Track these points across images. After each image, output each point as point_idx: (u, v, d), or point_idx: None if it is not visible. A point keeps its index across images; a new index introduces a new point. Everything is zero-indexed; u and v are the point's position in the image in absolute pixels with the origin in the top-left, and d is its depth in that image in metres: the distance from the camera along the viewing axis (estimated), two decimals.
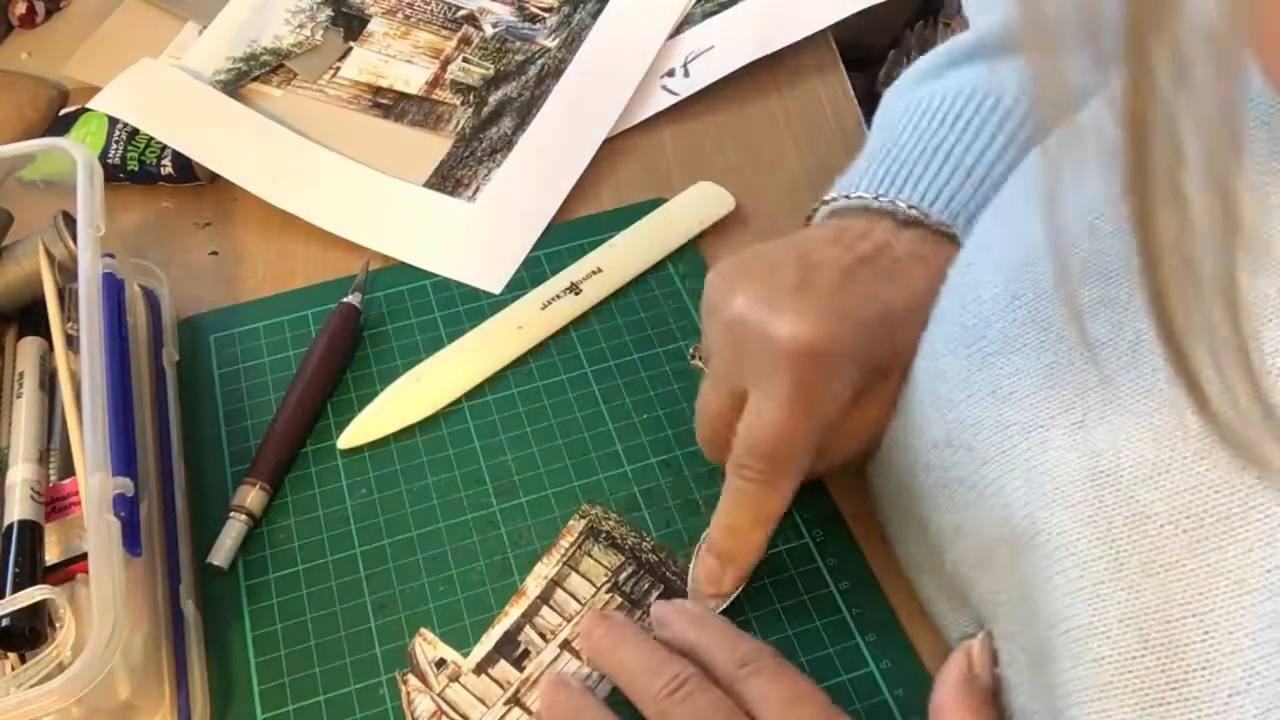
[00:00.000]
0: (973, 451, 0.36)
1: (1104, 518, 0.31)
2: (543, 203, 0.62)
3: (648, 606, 0.46)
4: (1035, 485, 0.34)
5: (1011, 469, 0.35)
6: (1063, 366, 0.33)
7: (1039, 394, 0.34)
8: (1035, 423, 0.34)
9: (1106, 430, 0.32)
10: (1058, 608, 0.33)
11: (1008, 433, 0.35)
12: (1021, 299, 0.35)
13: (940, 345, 0.39)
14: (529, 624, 0.46)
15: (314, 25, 0.71)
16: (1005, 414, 0.35)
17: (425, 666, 0.45)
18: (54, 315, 0.50)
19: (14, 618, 0.40)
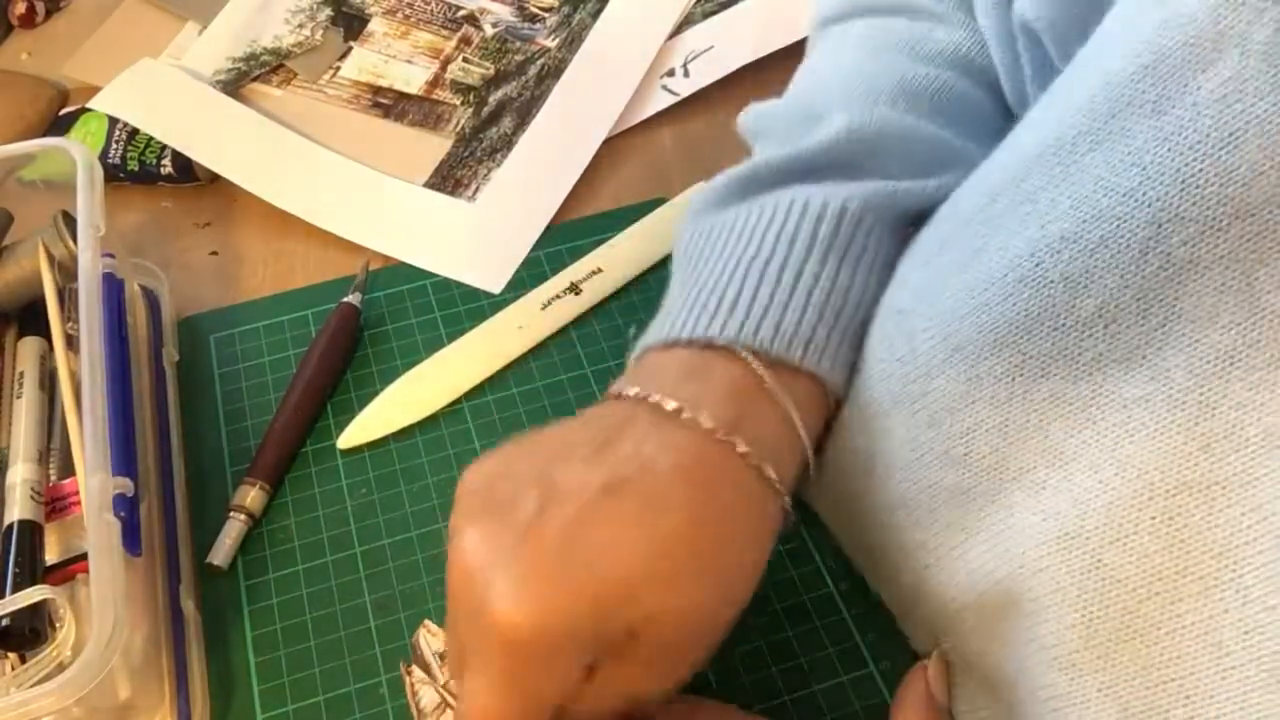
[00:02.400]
0: (933, 515, 0.35)
1: (1074, 584, 0.30)
2: (543, 203, 0.62)
3: None
4: (1002, 553, 0.32)
5: (975, 535, 0.33)
6: (1017, 425, 0.32)
7: (995, 455, 0.32)
8: (996, 488, 0.32)
9: (1069, 491, 0.31)
10: (1033, 676, 0.32)
11: (968, 498, 0.33)
12: (965, 351, 0.33)
13: (880, 401, 0.36)
14: None
15: (314, 25, 0.71)
16: (962, 479, 0.33)
17: (429, 658, 0.45)
18: (54, 315, 0.50)
19: (14, 618, 0.40)
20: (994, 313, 0.32)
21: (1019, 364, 0.31)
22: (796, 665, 0.45)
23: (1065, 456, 0.31)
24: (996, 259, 0.32)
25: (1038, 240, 0.31)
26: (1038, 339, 0.31)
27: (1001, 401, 0.32)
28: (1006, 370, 0.32)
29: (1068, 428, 0.31)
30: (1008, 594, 0.32)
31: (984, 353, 0.32)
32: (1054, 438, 0.31)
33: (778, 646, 0.45)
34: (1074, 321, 0.30)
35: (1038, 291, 0.30)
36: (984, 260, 0.33)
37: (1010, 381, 0.31)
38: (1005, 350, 0.31)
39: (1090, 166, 0.30)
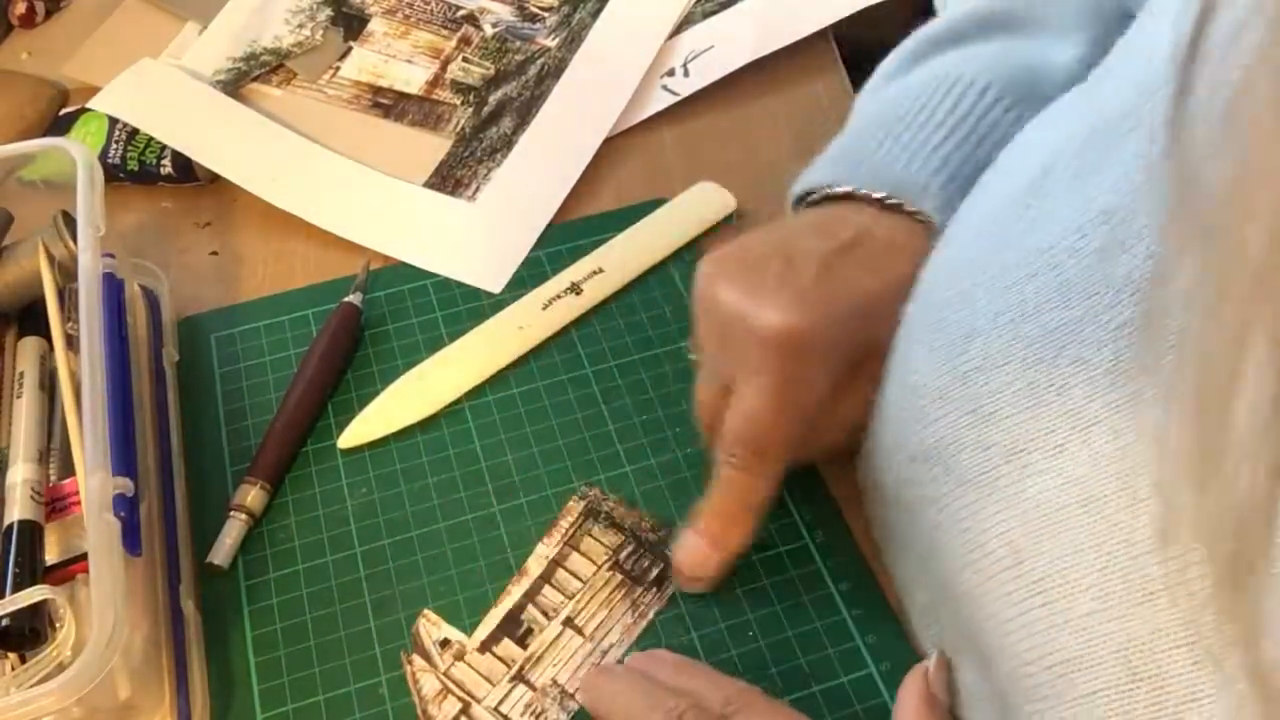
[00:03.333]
0: (950, 471, 0.36)
1: (1092, 545, 0.31)
2: (543, 203, 0.62)
3: (648, 583, 0.46)
4: (1017, 512, 0.33)
5: (991, 493, 0.34)
6: (1043, 386, 0.33)
7: (1021, 415, 0.33)
8: (1017, 446, 0.33)
9: (1089, 455, 0.31)
10: (1037, 641, 0.32)
11: (988, 454, 0.34)
12: (1007, 315, 0.35)
13: (918, 358, 0.39)
14: (531, 603, 0.46)
15: (314, 25, 0.71)
16: (986, 434, 0.34)
17: (430, 646, 0.45)
18: (54, 315, 0.50)
19: (14, 618, 0.40)
20: (1039, 281, 0.33)
21: (1052, 329, 0.32)
22: (796, 666, 0.45)
23: (1086, 420, 0.31)
24: (1045, 231, 0.34)
25: (1083, 213, 0.32)
26: (1072, 305, 0.32)
27: (1032, 363, 0.33)
28: (1040, 334, 0.33)
29: (1090, 392, 0.31)
30: (1017, 554, 0.33)
31: (1024, 318, 0.34)
32: (1076, 401, 0.32)
33: (778, 647, 0.45)
34: (1105, 288, 0.31)
35: (1079, 261, 0.32)
36: (1035, 232, 0.34)
37: (1041, 345, 0.33)
38: (1043, 315, 0.33)
39: (1132, 143, 0.32)
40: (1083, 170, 0.34)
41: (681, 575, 0.46)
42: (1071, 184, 0.34)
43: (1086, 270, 0.32)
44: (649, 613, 0.46)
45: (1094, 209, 0.32)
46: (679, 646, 0.45)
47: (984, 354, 0.35)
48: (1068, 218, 0.33)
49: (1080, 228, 0.32)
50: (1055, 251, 0.33)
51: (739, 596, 0.46)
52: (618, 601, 0.46)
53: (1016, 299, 0.34)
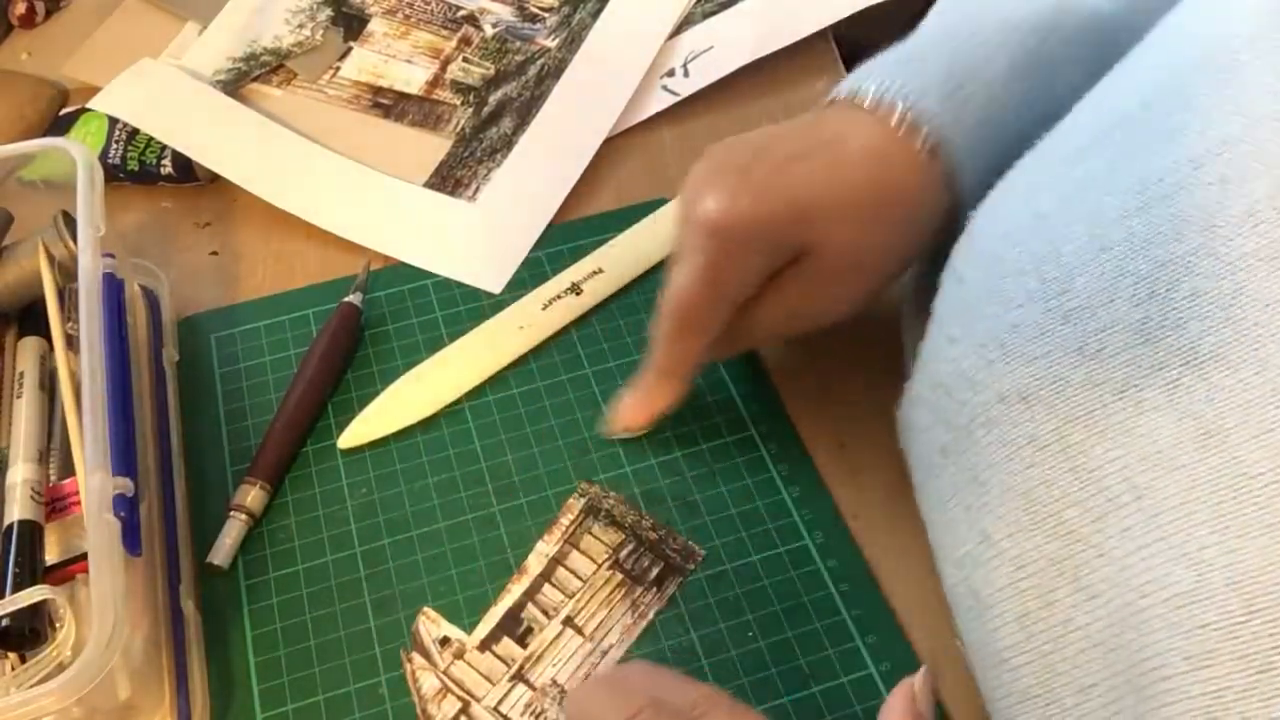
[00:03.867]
0: (1053, 410, 0.35)
1: (1209, 480, 0.30)
2: (543, 203, 0.62)
3: (648, 583, 0.46)
4: (1132, 448, 0.33)
5: (1101, 430, 0.34)
6: (1155, 323, 0.32)
7: (1130, 351, 0.33)
8: (1128, 382, 0.33)
9: (1205, 389, 0.31)
10: (1155, 575, 0.32)
11: (1097, 392, 0.34)
12: (1113, 251, 0.34)
13: (1012, 296, 0.38)
14: (531, 601, 0.46)
15: (314, 25, 0.71)
16: (1094, 372, 0.34)
17: (429, 645, 0.45)
18: (54, 315, 0.50)
19: (14, 618, 0.40)
20: (1148, 215, 0.33)
21: (1164, 262, 0.32)
22: (796, 667, 0.45)
23: (1201, 355, 0.31)
24: (1154, 163, 0.33)
25: (1197, 145, 0.32)
26: (1187, 239, 0.31)
27: (1142, 299, 0.32)
28: (1151, 269, 0.32)
29: (1206, 326, 0.31)
30: (1134, 490, 0.32)
31: (1132, 253, 0.33)
32: (1190, 336, 0.31)
33: (778, 648, 0.45)
34: (1224, 221, 0.31)
35: (1193, 194, 0.31)
36: (1138, 164, 0.34)
37: (1152, 280, 0.32)
38: (1153, 249, 0.32)
39: (1255, 73, 0.32)
40: (1192, 102, 0.33)
41: (615, 425, 0.51)
42: (1180, 116, 0.33)
43: (1202, 202, 0.31)
44: (649, 613, 0.46)
45: (1211, 139, 0.32)
46: (679, 646, 0.45)
47: (1088, 291, 0.34)
48: (1178, 150, 0.32)
49: (1194, 159, 0.32)
50: (1165, 184, 0.32)
51: (739, 596, 0.47)
52: (618, 601, 0.46)
53: (1123, 234, 0.33)
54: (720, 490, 0.50)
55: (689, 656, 0.45)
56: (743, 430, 0.52)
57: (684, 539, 0.48)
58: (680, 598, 0.47)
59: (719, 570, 0.47)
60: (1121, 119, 0.36)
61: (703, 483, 0.50)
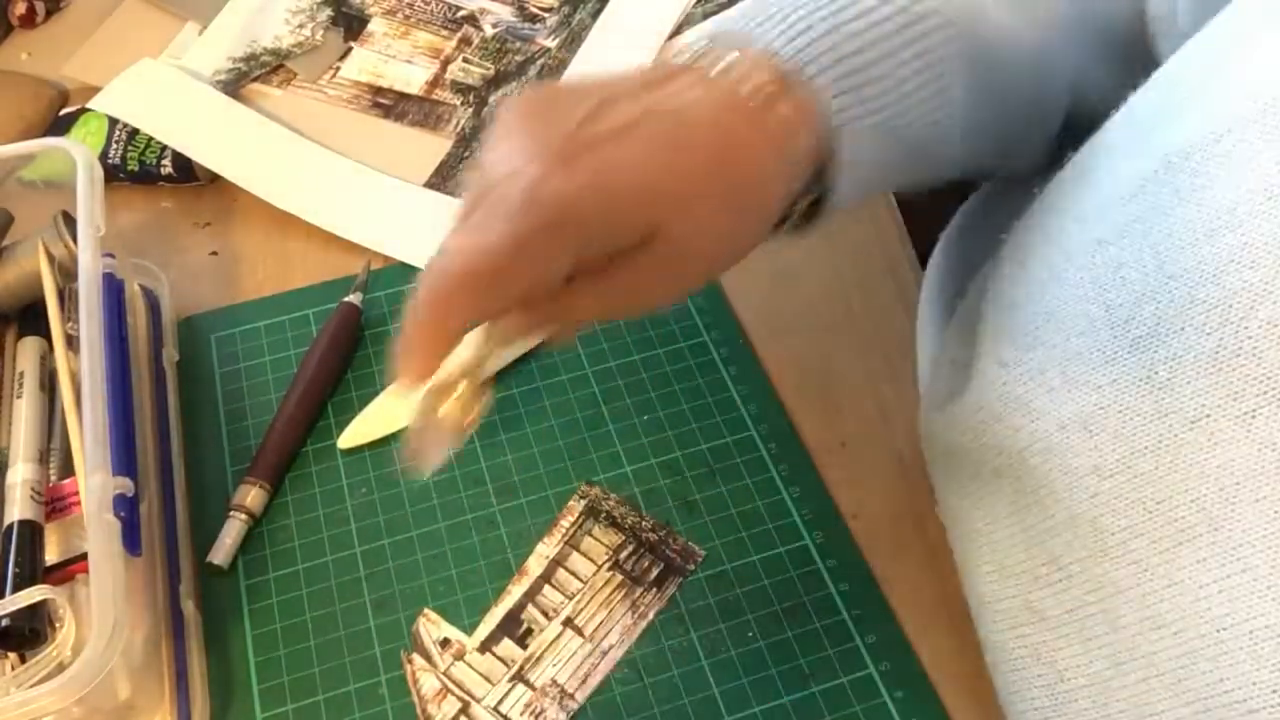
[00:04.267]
0: (1119, 439, 0.35)
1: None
2: None
3: (648, 584, 0.47)
4: (1207, 480, 0.32)
5: (1173, 461, 0.33)
6: (1229, 352, 0.31)
7: (1202, 380, 0.32)
8: (1201, 412, 0.32)
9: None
10: (1236, 608, 0.31)
11: (1167, 422, 0.33)
12: (1181, 279, 0.33)
13: (1073, 321, 0.37)
14: (531, 602, 0.46)
15: (314, 25, 0.71)
16: (1163, 402, 0.33)
17: (430, 646, 0.45)
18: (54, 315, 0.50)
19: (14, 618, 0.40)
20: (1217, 243, 0.32)
21: (1237, 289, 0.31)
22: (796, 666, 0.45)
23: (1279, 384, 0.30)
24: (1222, 194, 0.32)
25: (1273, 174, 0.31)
26: (1262, 266, 0.31)
27: (1214, 327, 0.32)
28: (1223, 296, 0.31)
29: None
30: (1211, 521, 0.32)
31: (1202, 280, 0.32)
32: (1268, 365, 0.31)
33: (778, 647, 0.45)
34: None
35: (1264, 222, 0.31)
36: (1206, 195, 0.33)
37: (1226, 308, 0.31)
38: (1225, 277, 0.31)
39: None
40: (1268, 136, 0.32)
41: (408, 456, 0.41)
42: (1255, 146, 0.33)
43: (1275, 229, 0.30)
44: (649, 613, 0.46)
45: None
46: (679, 646, 0.45)
47: (1157, 318, 0.33)
48: (1250, 180, 0.32)
49: (1268, 189, 0.31)
50: (1237, 213, 0.32)
51: (739, 596, 0.47)
52: (617, 602, 0.46)
53: (1192, 261, 0.32)
54: (720, 490, 0.50)
55: (689, 656, 0.45)
56: (743, 430, 0.52)
57: (684, 539, 0.48)
58: (680, 598, 0.47)
59: (719, 570, 0.47)
60: (1193, 147, 0.35)
61: (703, 483, 0.50)
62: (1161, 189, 0.35)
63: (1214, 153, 0.34)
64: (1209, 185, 0.33)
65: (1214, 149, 0.34)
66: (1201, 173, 0.34)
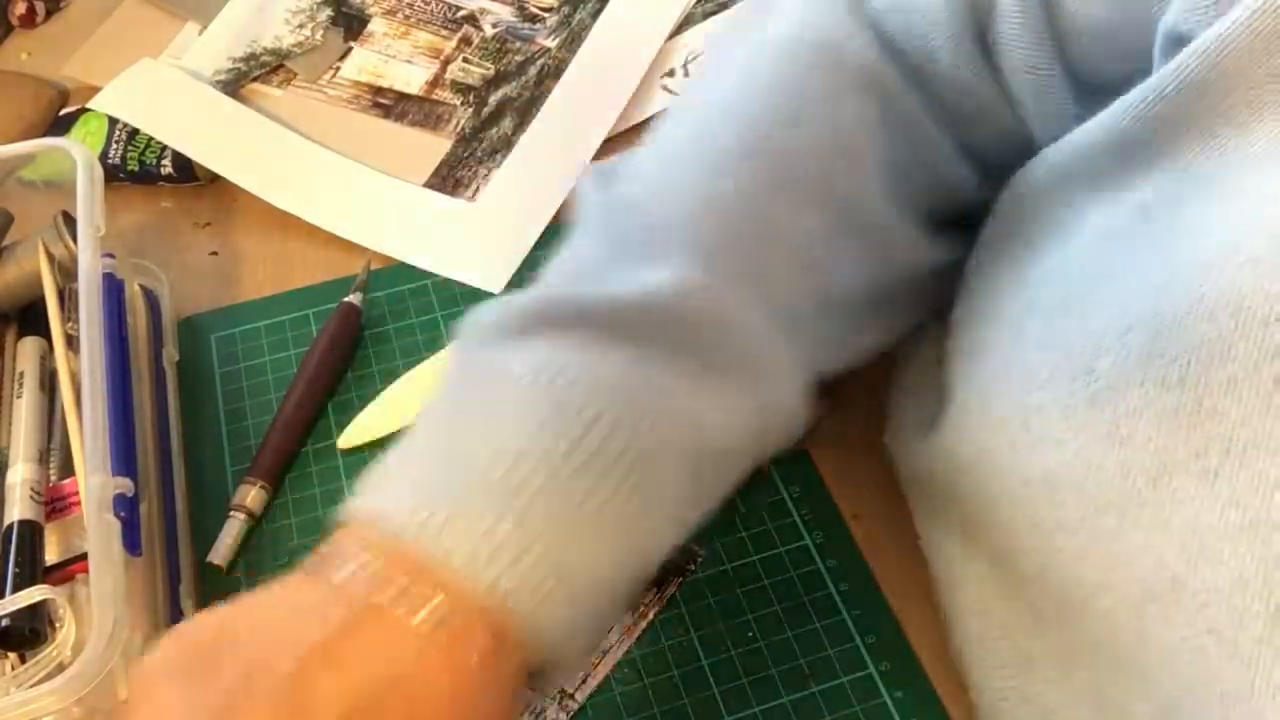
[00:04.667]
0: (1083, 495, 0.34)
1: (1259, 574, 0.29)
2: (543, 203, 0.62)
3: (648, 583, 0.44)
4: (1170, 538, 0.31)
5: (1136, 519, 0.32)
6: (1190, 408, 0.30)
7: (1163, 438, 0.31)
8: (1162, 470, 0.31)
9: (1249, 478, 0.29)
10: (1208, 671, 0.30)
11: (1129, 479, 0.32)
12: (1140, 329, 0.32)
13: (1034, 372, 0.36)
14: None
15: (314, 25, 0.71)
16: (1125, 458, 0.32)
17: None
18: (54, 315, 0.50)
19: (14, 618, 0.40)
20: (1173, 294, 0.31)
21: (1196, 345, 0.30)
22: (796, 666, 0.45)
23: (1242, 443, 0.29)
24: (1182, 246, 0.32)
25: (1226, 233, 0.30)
26: (1220, 321, 0.30)
27: (1173, 383, 0.31)
28: (1182, 351, 0.30)
29: (1246, 413, 0.29)
30: (1174, 580, 0.31)
31: (1160, 333, 0.31)
32: (1230, 423, 0.30)
33: (778, 647, 0.45)
34: (1258, 301, 0.29)
35: (1222, 274, 0.30)
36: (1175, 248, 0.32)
37: (1185, 364, 0.30)
38: (1186, 331, 0.30)
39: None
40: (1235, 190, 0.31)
41: None
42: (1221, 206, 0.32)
43: (1233, 282, 0.29)
44: (649, 613, 0.46)
45: (1258, 226, 0.30)
46: (678, 646, 0.45)
47: (1115, 372, 0.32)
48: (1216, 234, 0.31)
49: (1225, 243, 0.30)
50: (1199, 266, 0.31)
51: (739, 596, 0.46)
52: None
53: (1151, 311, 0.32)
54: None
55: (689, 656, 0.45)
56: None
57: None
58: (680, 598, 0.47)
59: (719, 570, 0.47)
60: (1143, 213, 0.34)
61: None
62: (1130, 239, 0.35)
63: (1183, 206, 0.33)
64: (1172, 239, 0.32)
65: (1184, 203, 0.33)
66: (1165, 226, 0.33)
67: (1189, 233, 0.32)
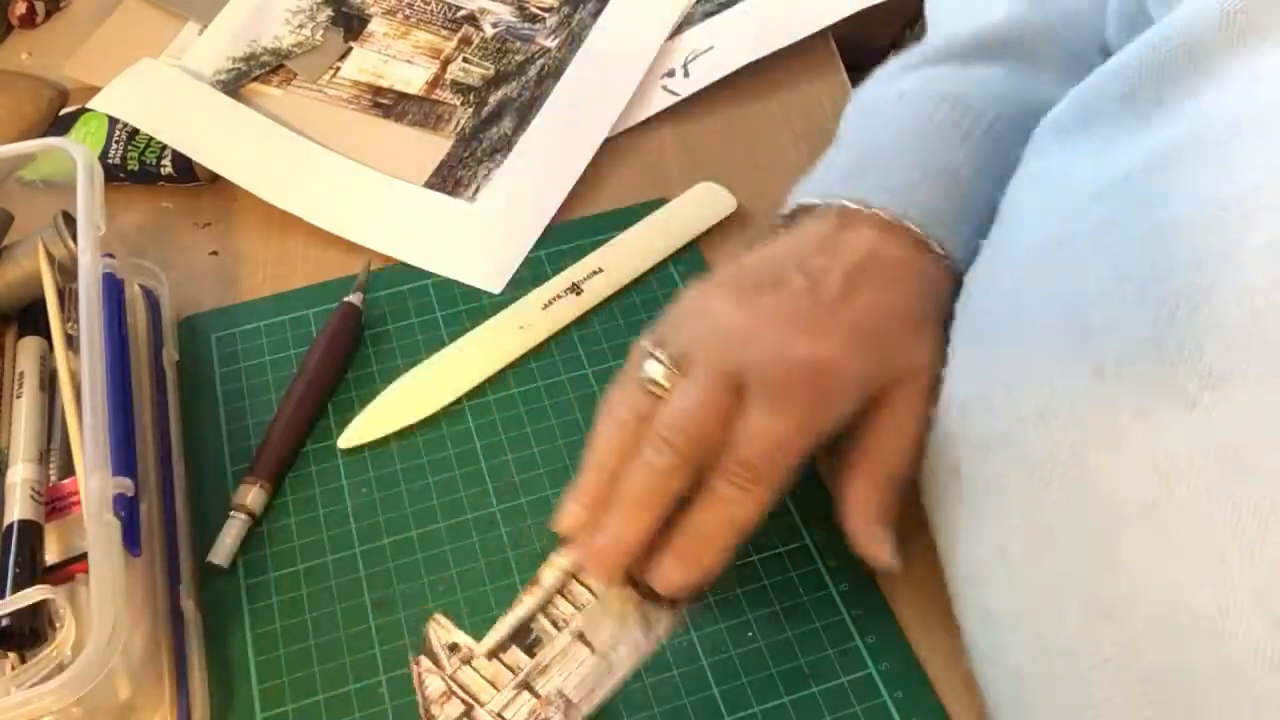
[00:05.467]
0: (1070, 430, 0.36)
1: (1229, 497, 0.31)
2: (543, 203, 0.62)
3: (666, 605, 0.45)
4: (1147, 466, 0.33)
5: (1118, 450, 0.34)
6: (1174, 345, 0.33)
7: (1149, 374, 0.33)
8: (1145, 405, 0.33)
9: (1226, 410, 0.31)
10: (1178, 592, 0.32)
11: (1115, 412, 0.34)
12: (1132, 281, 0.35)
13: (1030, 320, 0.38)
14: (543, 613, 0.46)
15: (314, 25, 0.71)
16: (1112, 393, 0.34)
17: (437, 649, 0.45)
18: (54, 315, 0.50)
19: (14, 618, 0.40)
20: (1169, 248, 0.33)
21: (1184, 289, 0.32)
22: (796, 666, 0.45)
23: (1220, 376, 0.31)
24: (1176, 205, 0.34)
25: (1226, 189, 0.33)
26: (1207, 268, 0.32)
27: (1161, 324, 0.33)
28: (1170, 295, 0.33)
29: (1226, 347, 0.31)
30: (1148, 504, 0.33)
31: (1154, 281, 0.34)
32: (1209, 357, 0.32)
33: (778, 647, 0.45)
34: (1246, 253, 0.31)
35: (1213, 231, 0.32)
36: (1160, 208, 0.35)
37: (1173, 305, 0.33)
38: (1173, 278, 0.33)
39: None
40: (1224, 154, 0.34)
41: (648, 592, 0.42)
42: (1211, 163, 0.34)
43: (1223, 237, 0.32)
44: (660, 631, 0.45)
45: (1241, 185, 0.33)
46: (679, 647, 0.45)
47: (1107, 316, 0.35)
48: (1206, 191, 0.33)
49: (1221, 201, 0.33)
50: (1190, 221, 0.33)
51: (739, 596, 0.46)
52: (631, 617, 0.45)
53: (1147, 265, 0.34)
54: None
55: (689, 657, 0.45)
56: None
57: None
58: None
59: None
60: (1143, 167, 0.37)
61: None
62: (1121, 199, 0.37)
63: (1172, 169, 0.35)
64: (1166, 197, 0.35)
65: (1173, 166, 0.35)
66: (1159, 185, 0.35)
67: (1183, 193, 0.34)
